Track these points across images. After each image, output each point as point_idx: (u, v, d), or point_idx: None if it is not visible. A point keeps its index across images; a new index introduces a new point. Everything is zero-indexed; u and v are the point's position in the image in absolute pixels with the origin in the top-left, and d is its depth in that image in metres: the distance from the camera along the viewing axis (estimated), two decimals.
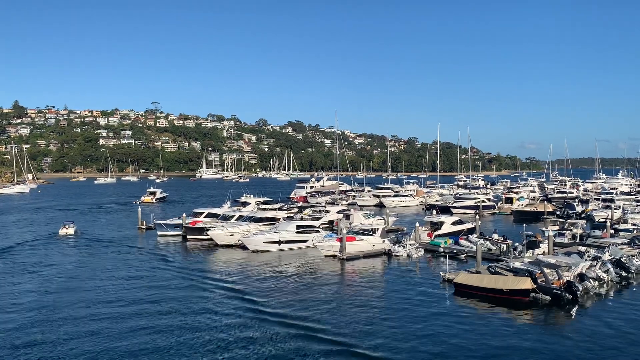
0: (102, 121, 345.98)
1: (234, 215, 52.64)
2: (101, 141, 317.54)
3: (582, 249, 35.94)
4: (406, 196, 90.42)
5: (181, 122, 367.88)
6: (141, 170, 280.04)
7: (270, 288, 29.92)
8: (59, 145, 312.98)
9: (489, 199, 79.04)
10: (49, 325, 23.15)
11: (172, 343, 20.76)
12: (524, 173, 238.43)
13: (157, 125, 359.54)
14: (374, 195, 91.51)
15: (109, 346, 20.37)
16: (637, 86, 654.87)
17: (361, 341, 20.92)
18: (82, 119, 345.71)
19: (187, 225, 49.55)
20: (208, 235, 46.12)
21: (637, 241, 39.05)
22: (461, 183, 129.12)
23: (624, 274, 31.39)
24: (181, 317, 24.14)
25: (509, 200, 78.99)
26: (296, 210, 61.64)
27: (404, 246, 40.74)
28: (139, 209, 60.84)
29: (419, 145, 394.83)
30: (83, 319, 23.93)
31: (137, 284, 31.20)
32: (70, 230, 53.43)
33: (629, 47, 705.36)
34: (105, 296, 28.14)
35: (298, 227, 44.83)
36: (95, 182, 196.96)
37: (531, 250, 36.78)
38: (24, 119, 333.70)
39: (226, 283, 31.21)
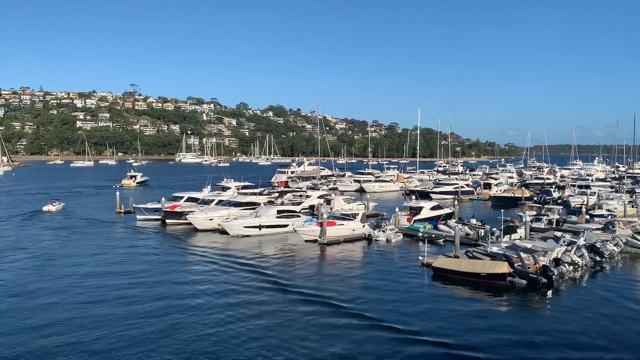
0: (79, 103, 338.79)
1: (213, 200, 52.32)
2: (78, 123, 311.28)
3: (558, 234, 36.59)
4: (387, 181, 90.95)
5: (160, 105, 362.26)
6: (119, 154, 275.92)
7: (249, 272, 29.87)
8: (35, 127, 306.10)
9: (467, 185, 79.87)
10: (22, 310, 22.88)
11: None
12: (503, 159, 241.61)
13: (136, 108, 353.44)
14: (355, 181, 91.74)
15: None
16: (614, 74, 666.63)
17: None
18: (58, 101, 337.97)
19: (166, 210, 49.06)
20: (187, 219, 45.80)
21: (610, 227, 39.95)
22: (441, 169, 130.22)
23: (597, 258, 32.22)
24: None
25: (488, 186, 79.89)
26: (277, 195, 61.52)
27: (383, 231, 41.02)
28: (117, 193, 60.09)
29: (399, 131, 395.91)
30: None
31: (115, 268, 30.91)
32: (53, 208, 57.36)
33: (609, 36, 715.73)
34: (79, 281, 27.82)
35: (279, 211, 44.80)
36: (72, 165, 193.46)
37: (508, 235, 37.33)
38: None
39: (205, 266, 31.16)
